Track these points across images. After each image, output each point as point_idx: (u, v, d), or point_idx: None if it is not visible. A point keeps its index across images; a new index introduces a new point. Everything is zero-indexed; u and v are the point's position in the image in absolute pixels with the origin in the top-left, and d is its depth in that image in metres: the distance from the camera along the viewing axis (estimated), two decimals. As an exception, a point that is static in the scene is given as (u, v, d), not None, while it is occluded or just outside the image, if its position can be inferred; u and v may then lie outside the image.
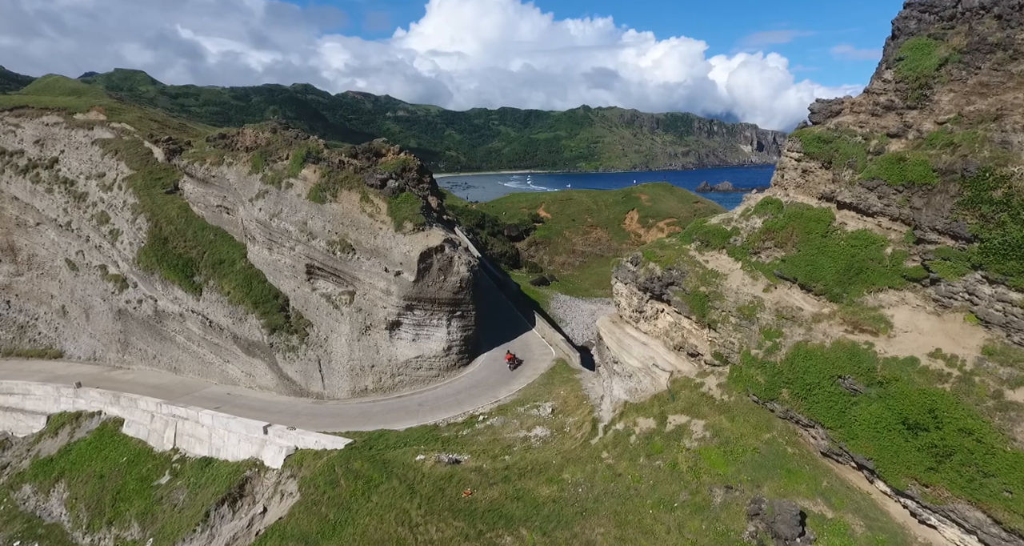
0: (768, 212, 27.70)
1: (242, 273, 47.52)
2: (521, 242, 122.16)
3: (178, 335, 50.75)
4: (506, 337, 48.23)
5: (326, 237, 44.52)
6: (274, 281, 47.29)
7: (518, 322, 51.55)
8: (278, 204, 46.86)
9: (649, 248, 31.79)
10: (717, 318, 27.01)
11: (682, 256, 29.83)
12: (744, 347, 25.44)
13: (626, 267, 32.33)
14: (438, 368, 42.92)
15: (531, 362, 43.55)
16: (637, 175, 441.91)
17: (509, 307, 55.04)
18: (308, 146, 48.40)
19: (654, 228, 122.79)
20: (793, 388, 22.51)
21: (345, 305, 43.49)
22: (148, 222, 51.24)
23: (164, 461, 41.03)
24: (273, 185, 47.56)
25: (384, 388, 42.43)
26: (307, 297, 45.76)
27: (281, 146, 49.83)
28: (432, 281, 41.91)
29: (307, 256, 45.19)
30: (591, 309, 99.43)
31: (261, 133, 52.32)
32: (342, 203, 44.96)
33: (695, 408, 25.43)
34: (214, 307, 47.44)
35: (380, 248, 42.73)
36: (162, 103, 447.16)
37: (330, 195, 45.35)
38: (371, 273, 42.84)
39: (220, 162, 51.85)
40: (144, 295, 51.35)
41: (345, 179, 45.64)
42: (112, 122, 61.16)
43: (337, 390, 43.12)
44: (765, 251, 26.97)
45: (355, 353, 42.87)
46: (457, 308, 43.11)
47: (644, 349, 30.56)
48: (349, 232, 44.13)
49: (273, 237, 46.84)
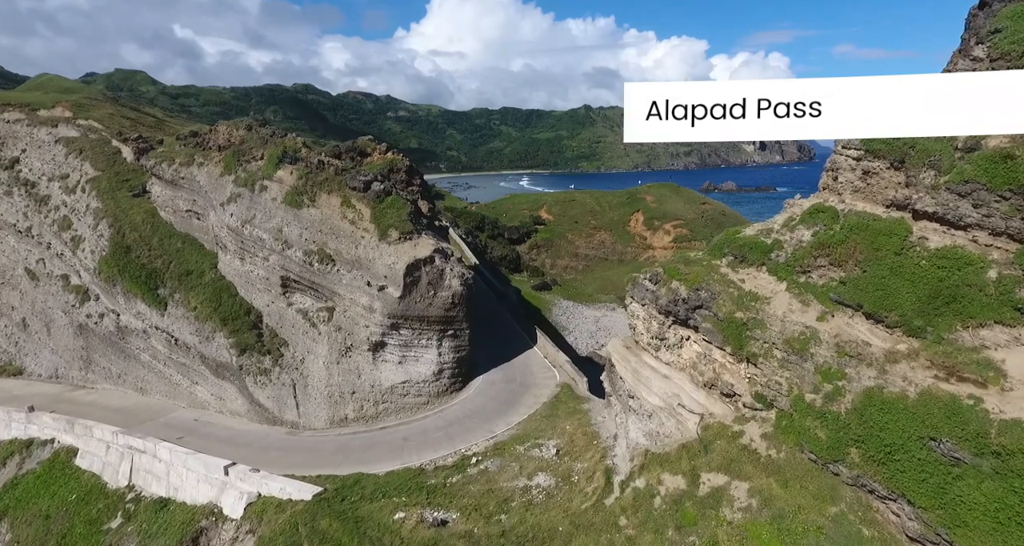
0: (820, 222, 22.84)
1: (211, 286, 42.75)
2: (522, 245, 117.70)
3: (143, 353, 46.03)
4: (505, 356, 43.40)
5: (303, 246, 39.74)
6: (246, 295, 42.51)
7: (518, 339, 46.72)
8: (251, 209, 42.10)
9: (672, 263, 26.94)
10: (758, 351, 22.16)
11: (712, 274, 24.99)
12: (795, 389, 20.60)
13: (643, 285, 27.47)
14: (427, 394, 38.11)
15: (532, 387, 38.72)
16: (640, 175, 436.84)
17: (508, 321, 50.23)
18: (285, 145, 43.64)
19: (660, 230, 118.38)
20: (866, 448, 17.67)
21: (323, 323, 38.68)
22: (110, 228, 46.53)
23: (117, 500, 36.24)
24: (246, 188, 42.81)
25: (366, 417, 37.62)
26: (282, 313, 40.97)
27: (256, 145, 45.07)
28: (420, 296, 37.11)
29: (282, 267, 40.41)
30: (595, 315, 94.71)
31: (235, 131, 47.57)
32: (321, 208, 40.19)
33: (735, 465, 20.59)
34: (180, 323, 42.68)
35: (362, 259, 37.94)
36: (162, 103, 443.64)
37: (308, 199, 40.58)
38: (352, 287, 38.05)
39: (190, 162, 47.11)
40: (106, 309, 46.62)
41: (325, 181, 40.87)
42: (78, 119, 56.49)
43: (314, 419, 38.32)
44: (817, 270, 22.12)
45: (334, 377, 38.07)
46: (449, 326, 38.30)
47: (666, 384, 25.71)
48: (328, 241, 39.35)
49: (245, 246, 42.08)
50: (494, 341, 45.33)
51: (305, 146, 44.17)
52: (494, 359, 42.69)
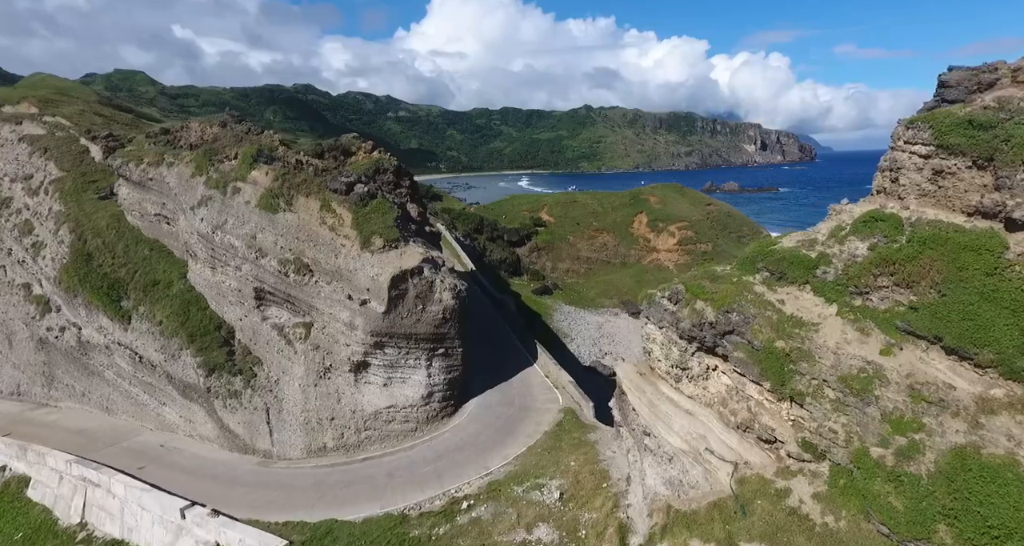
0: (879, 233, 18.91)
1: (179, 298, 38.83)
2: (522, 247, 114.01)
3: (107, 370, 42.13)
4: (503, 375, 39.46)
5: (278, 255, 35.82)
6: (217, 308, 38.61)
7: (517, 355, 42.77)
8: (222, 213, 38.19)
9: (695, 280, 22.99)
10: (805, 389, 18.27)
11: (744, 293, 21.07)
12: (855, 439, 16.70)
13: (661, 304, 23.54)
14: (415, 420, 34.18)
15: (532, 412, 34.78)
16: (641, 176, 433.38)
17: (506, 334, 46.27)
18: (260, 143, 39.72)
19: (664, 232, 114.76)
20: (961, 527, 13.76)
21: (299, 341, 34.75)
22: (71, 234, 42.63)
23: (67, 540, 32.39)
24: (218, 190, 38.90)
25: (347, 446, 33.69)
26: (256, 328, 37.05)
27: (229, 143, 41.17)
28: (407, 312, 33.18)
29: (256, 278, 36.50)
30: (598, 321, 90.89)
31: (208, 128, 43.67)
32: (298, 213, 36.27)
33: (783, 535, 16.67)
34: (144, 339, 38.76)
35: (342, 270, 34.02)
36: (162, 103, 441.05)
37: (284, 203, 36.66)
38: (331, 301, 34.14)
39: (159, 162, 43.19)
40: (67, 322, 42.71)
41: (303, 183, 36.95)
42: (45, 116, 52.61)
43: (289, 447, 34.41)
44: (878, 292, 18.19)
45: (311, 402, 34.15)
46: (440, 345, 34.38)
47: (690, 422, 21.78)
48: (306, 249, 35.44)
49: (216, 254, 38.17)
50: (491, 358, 41.44)
51: (283, 144, 40.27)
52: (490, 378, 38.77)
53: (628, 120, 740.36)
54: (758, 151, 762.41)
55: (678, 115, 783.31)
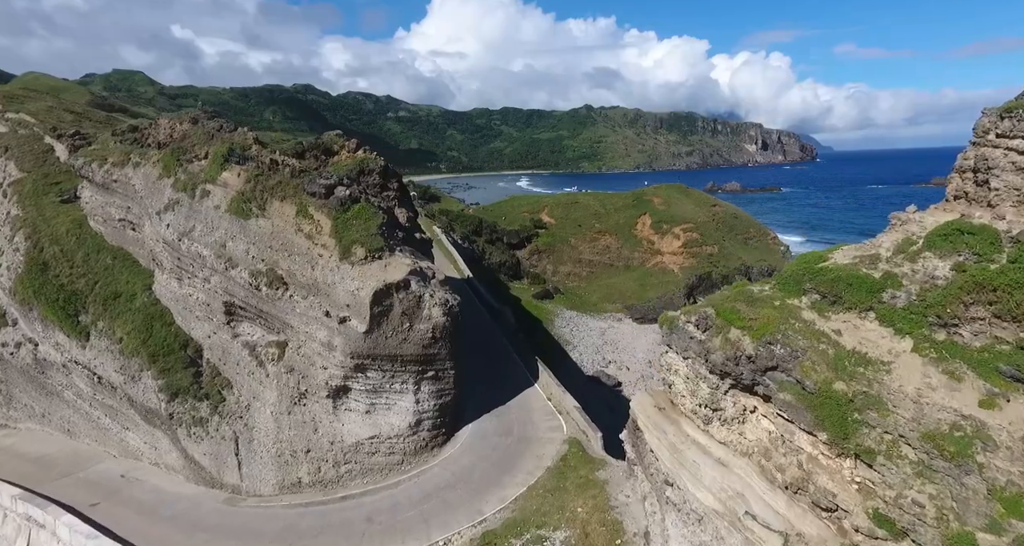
0: (967, 249, 15.17)
1: (142, 312, 35.09)
2: (522, 250, 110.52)
3: (66, 391, 38.42)
4: (500, 397, 35.71)
5: (249, 265, 32.08)
6: (184, 323, 34.88)
7: (516, 374, 39.01)
8: (190, 219, 34.48)
9: (728, 303, 19.20)
10: (875, 446, 14.54)
11: (790, 320, 17.31)
12: (951, 518, 12.96)
13: (685, 331, 19.77)
14: (401, 451, 30.42)
15: (533, 442, 31.01)
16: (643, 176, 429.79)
17: (505, 350, 42.48)
18: (232, 141, 35.97)
19: (669, 234, 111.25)
20: None
21: (272, 362, 30.98)
22: (27, 241, 38.88)
23: (7, 591, 28.69)
24: (186, 193, 35.19)
25: (325, 481, 29.93)
26: (226, 347, 33.32)
27: (199, 141, 37.44)
28: (392, 331, 29.41)
29: (225, 291, 32.78)
30: (601, 327, 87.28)
31: (179, 125, 39.95)
32: (272, 218, 32.54)
33: (858, 645, 12.91)
34: (103, 358, 35.03)
35: (319, 283, 30.26)
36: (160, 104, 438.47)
37: (257, 207, 32.93)
38: (307, 318, 30.39)
39: (125, 162, 39.47)
40: (24, 337, 38.97)
41: (278, 186, 33.19)
42: (8, 112, 48.89)
43: (260, 482, 30.66)
44: (970, 325, 14.43)
45: (284, 431, 30.41)
46: (429, 367, 30.63)
47: (723, 475, 18.01)
48: (280, 259, 31.69)
49: (183, 263, 34.45)
50: (487, 377, 37.73)
51: (258, 142, 36.50)
52: (486, 401, 35.03)
53: (629, 120, 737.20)
54: (759, 151, 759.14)
55: (679, 115, 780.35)
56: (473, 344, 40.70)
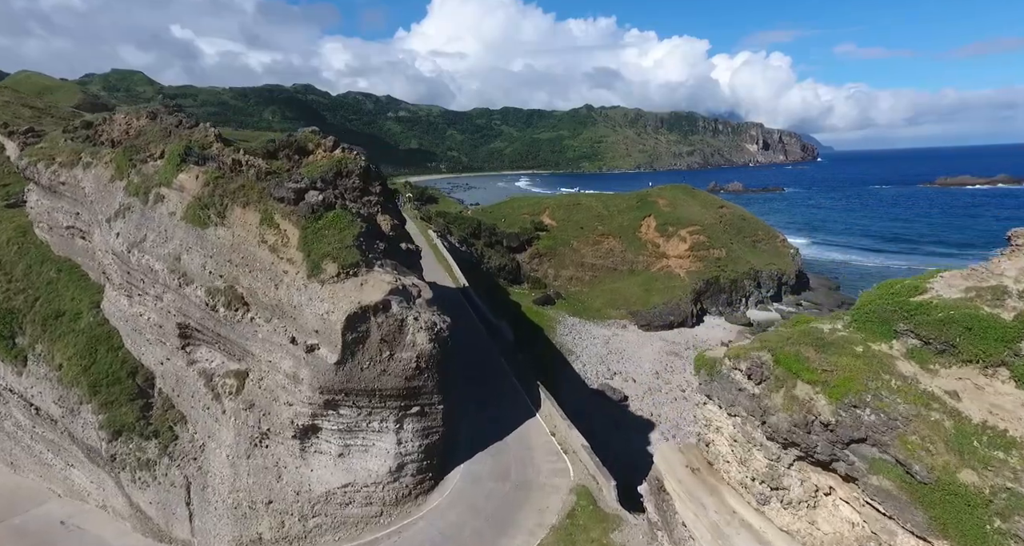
0: None
1: (86, 334, 30.65)
2: (522, 253, 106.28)
3: (5, 421, 33.98)
4: (497, 430, 31.18)
5: (206, 282, 27.63)
6: (134, 347, 30.44)
7: (515, 401, 34.49)
8: (141, 227, 30.05)
9: (789, 346, 14.67)
10: (1027, 568, 10.02)
11: (881, 373, 12.85)
12: None
13: (731, 379, 15.31)
14: (380, 502, 25.93)
15: (534, 490, 26.50)
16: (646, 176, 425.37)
17: (502, 372, 37.96)
18: (191, 139, 31.50)
19: (675, 237, 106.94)
20: None
21: (229, 396, 26.52)
22: (-38, 252, 34.46)
23: None
24: (138, 198, 30.77)
25: (290, 538, 25.44)
26: (180, 375, 28.85)
27: (155, 138, 32.99)
28: (369, 360, 24.95)
29: (179, 311, 28.34)
30: (604, 335, 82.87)
31: (135, 120, 35.48)
32: (232, 228, 28.06)
33: None
34: (41, 387, 30.59)
35: (284, 304, 25.79)
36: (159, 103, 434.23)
37: (216, 215, 28.46)
38: (271, 345, 25.93)
39: (75, 162, 35.04)
40: (-40, 360, 34.52)
41: (240, 190, 28.71)
42: (-44, 108, 44.48)
43: (214, 538, 26.19)
44: None
45: (242, 479, 25.94)
46: (413, 402, 26.16)
47: (789, 578, 13.52)
48: (240, 275, 27.23)
49: (133, 278, 30.02)
50: (482, 404, 33.28)
51: (221, 140, 32.01)
52: (481, 435, 30.53)
53: (629, 120, 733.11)
54: (760, 151, 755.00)
55: (679, 115, 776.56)
56: (467, 364, 36.36)
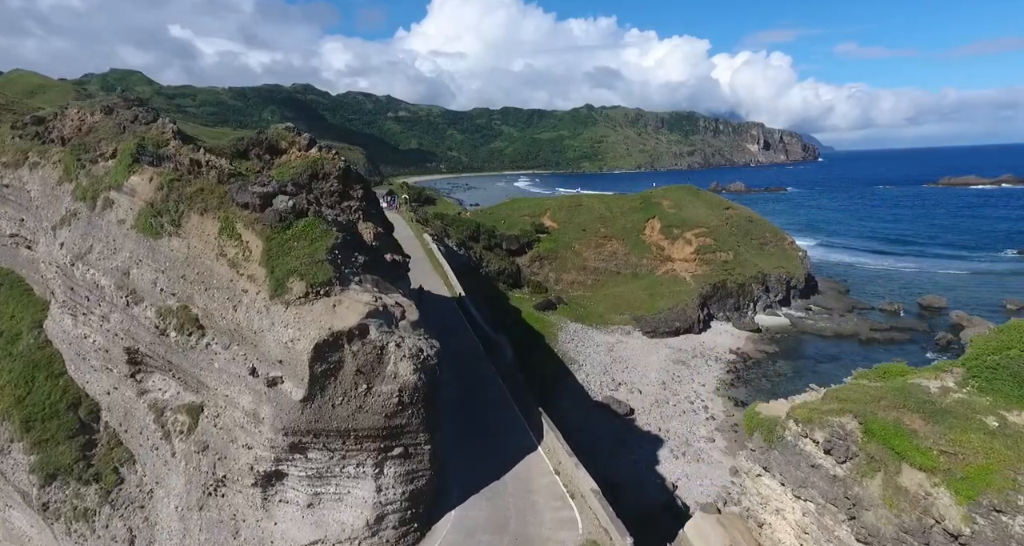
0: None
1: (24, 358, 26.90)
2: (523, 257, 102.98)
3: (-59, 454, 30.16)
4: (494, 468, 27.30)
5: (157, 301, 23.88)
6: (78, 374, 26.66)
7: (514, 431, 30.61)
8: (88, 237, 26.31)
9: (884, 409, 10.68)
10: None
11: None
12: None
13: (797, 449, 11.46)
14: (357, 561, 22.15)
15: (532, 541, 22.69)
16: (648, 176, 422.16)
17: (500, 396, 34.09)
18: (146, 136, 27.70)
19: (680, 239, 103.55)
20: None
21: (180, 435, 22.74)
22: None
23: None
24: (85, 203, 27.01)
25: (249, 604, 21.67)
26: (129, 407, 25.08)
27: (108, 135, 29.19)
28: (343, 396, 21.17)
29: (128, 333, 24.58)
30: (608, 342, 79.25)
31: (89, 115, 31.69)
32: (188, 238, 24.29)
33: None
34: (-28, 420, 26.79)
35: (244, 329, 22.01)
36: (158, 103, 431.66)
37: (170, 223, 24.70)
38: (228, 376, 22.15)
39: (20, 162, 31.30)
40: None
41: (198, 194, 24.95)
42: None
43: (161, 603, 22.44)
44: None
45: (193, 535, 22.15)
46: (395, 442, 22.38)
47: None
48: (195, 294, 23.46)
49: (77, 295, 26.25)
50: (476, 436, 29.51)
51: (180, 137, 28.20)
52: (475, 473, 26.69)
53: (630, 120, 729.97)
54: (761, 151, 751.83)
55: (680, 114, 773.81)
56: (460, 389, 32.61)
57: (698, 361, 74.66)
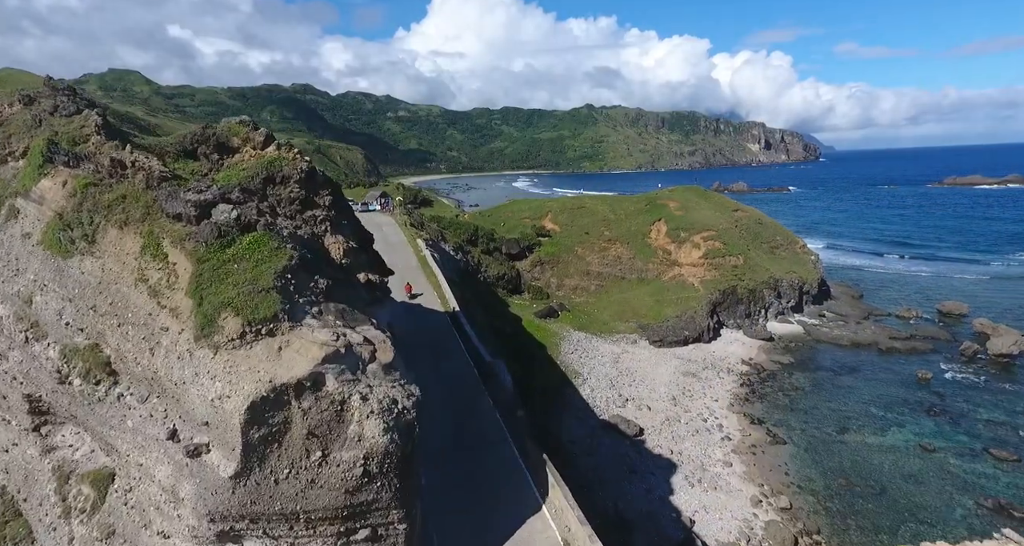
0: None
1: (-90, 405, 21.80)
2: (523, 261, 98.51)
3: None
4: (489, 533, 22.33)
5: (62, 337, 18.83)
6: (-26, 425, 21.59)
7: (513, 484, 25.47)
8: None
9: None
10: None
11: None
12: None
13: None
14: None
15: None
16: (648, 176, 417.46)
17: (498, 439, 28.89)
18: (60, 131, 22.62)
19: (688, 243, 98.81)
20: None
21: (81, 514, 17.65)
22: None
23: None
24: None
25: None
26: (30, 469, 20.01)
27: (22, 130, 24.13)
28: (289, 468, 16.10)
29: (27, 377, 19.53)
30: (614, 352, 74.46)
31: (7, 106, 26.60)
32: (103, 258, 19.23)
33: None
34: None
35: (162, 377, 16.93)
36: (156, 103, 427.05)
37: (82, 238, 19.65)
38: (142, 439, 17.08)
39: (-76, 163, 26.16)
40: None
41: (118, 203, 19.87)
42: None
43: None
44: None
45: None
46: (359, 522, 17.28)
47: None
48: (107, 330, 18.38)
49: (-27, 328, 21.17)
50: (467, 490, 24.44)
51: (104, 132, 23.08)
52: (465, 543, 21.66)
53: (630, 119, 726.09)
54: (762, 150, 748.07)
55: (680, 114, 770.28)
56: (451, 431, 27.59)
57: (709, 373, 69.87)
